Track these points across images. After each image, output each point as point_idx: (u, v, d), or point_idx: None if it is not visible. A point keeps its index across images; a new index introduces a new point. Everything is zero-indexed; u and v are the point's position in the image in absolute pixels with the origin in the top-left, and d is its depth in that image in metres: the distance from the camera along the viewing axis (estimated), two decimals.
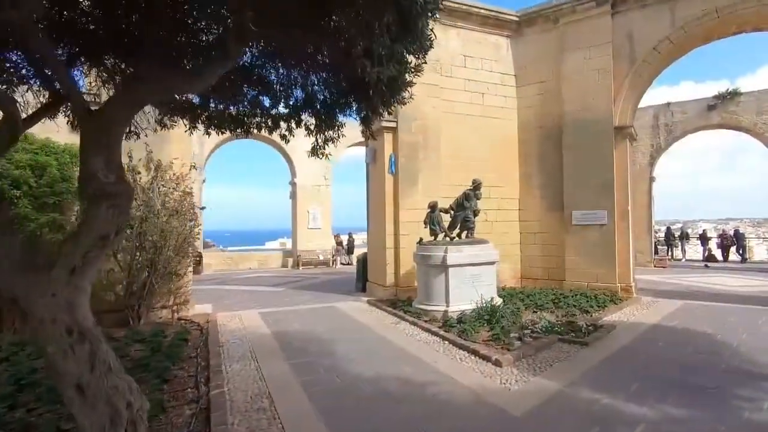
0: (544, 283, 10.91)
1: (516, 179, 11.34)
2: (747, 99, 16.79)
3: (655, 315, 7.99)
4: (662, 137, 18.48)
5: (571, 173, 10.47)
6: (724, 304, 8.94)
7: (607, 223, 10.01)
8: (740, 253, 20.02)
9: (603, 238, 10.05)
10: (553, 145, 10.79)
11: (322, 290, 11.72)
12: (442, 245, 7.98)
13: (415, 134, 10.01)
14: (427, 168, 10.08)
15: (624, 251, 9.98)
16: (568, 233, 10.50)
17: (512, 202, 11.28)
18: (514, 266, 11.25)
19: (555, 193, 10.73)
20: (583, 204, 10.29)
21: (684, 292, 11.01)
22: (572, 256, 10.43)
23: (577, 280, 10.33)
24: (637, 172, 18.92)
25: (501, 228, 11.08)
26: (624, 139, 10.03)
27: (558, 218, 10.75)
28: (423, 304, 8.09)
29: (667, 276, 14.79)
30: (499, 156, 11.13)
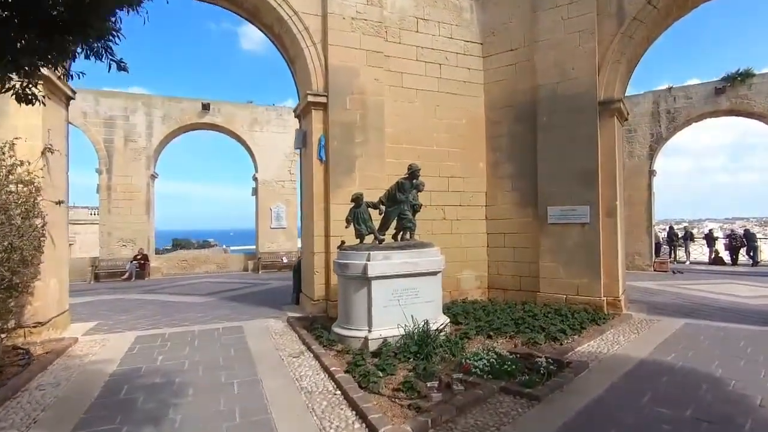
0: (514, 295, 8.97)
1: (483, 169, 9.39)
2: (761, 81, 14.74)
3: (645, 343, 6.04)
4: (663, 126, 16.45)
5: (547, 160, 8.52)
6: (737, 326, 6.97)
7: (589, 222, 8.05)
8: (751, 255, 17.95)
9: (585, 240, 8.10)
10: (526, 127, 8.85)
11: (252, 302, 9.83)
12: (364, 251, 6.06)
13: (351, 112, 8.09)
14: (366, 154, 8.16)
15: (611, 256, 8.02)
16: (543, 234, 8.55)
17: (478, 196, 9.34)
18: (479, 274, 9.31)
19: (529, 185, 8.79)
20: (561, 198, 8.34)
21: (686, 305, 9.03)
22: (548, 263, 8.48)
23: (554, 291, 8.39)
24: (634, 164, 16.95)
25: (463, 228, 9.15)
26: (611, 117, 8.06)
27: (532, 216, 8.80)
28: (341, 327, 6.19)
29: (668, 283, 12.79)
30: (462, 141, 9.19)
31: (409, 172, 6.47)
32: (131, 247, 16.42)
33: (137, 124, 16.58)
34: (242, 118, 17.87)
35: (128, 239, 16.43)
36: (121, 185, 16.35)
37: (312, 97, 7.95)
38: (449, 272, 8.75)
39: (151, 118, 16.77)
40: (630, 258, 16.91)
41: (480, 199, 9.35)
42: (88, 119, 16.08)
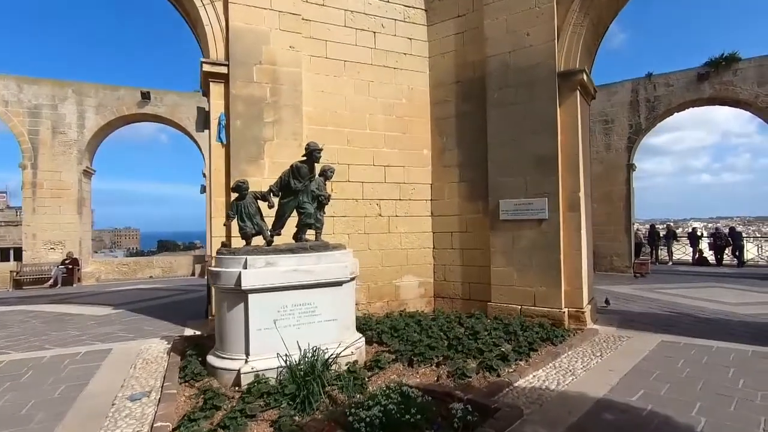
0: (463, 305, 7.58)
1: (428, 157, 7.99)
2: (746, 66, 13.59)
3: (608, 373, 4.66)
4: (642, 115, 15.25)
5: (498, 145, 7.15)
6: (725, 345, 5.64)
7: (547, 218, 6.69)
8: (736, 255, 16.86)
9: (542, 240, 6.74)
10: (476, 106, 7.47)
11: (159, 315, 8.30)
12: (242, 255, 4.61)
13: (259, 85, 6.63)
14: (279, 137, 6.70)
15: (573, 259, 6.67)
16: (494, 233, 7.17)
17: (422, 189, 7.93)
18: (423, 280, 7.89)
19: (479, 175, 7.41)
20: (515, 190, 6.97)
21: (664, 316, 7.72)
22: (500, 267, 7.11)
23: (507, 301, 7.01)
24: (612, 158, 15.74)
25: (404, 226, 7.73)
26: (572, 92, 6.72)
27: (482, 211, 7.43)
28: (215, 355, 4.72)
29: (647, 286, 11.54)
30: (402, 124, 7.78)
31: (306, 153, 5.02)
32: (60, 250, 14.74)
33: (67, 114, 14.90)
34: (188, 108, 16.28)
35: (56, 241, 14.74)
36: (49, 182, 14.66)
37: (209, 66, 6.47)
38: (386, 279, 7.35)
39: (83, 108, 15.11)
40: (608, 259, 15.70)
41: (424, 193, 7.95)
42: (9, 108, 14.38)
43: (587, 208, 7.14)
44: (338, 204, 7.18)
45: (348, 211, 7.27)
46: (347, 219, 7.25)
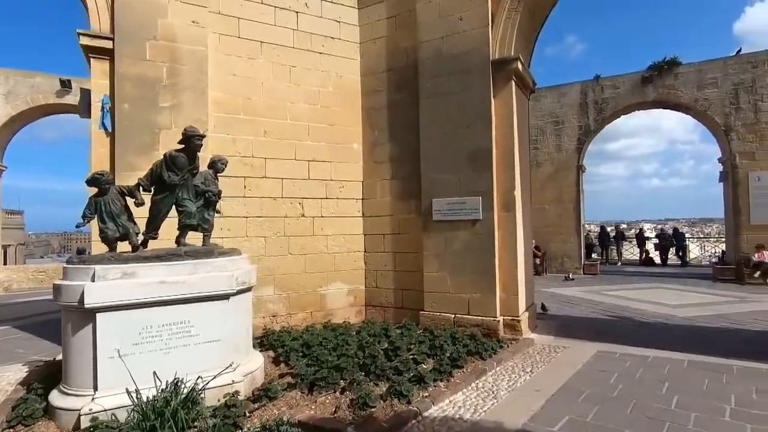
0: (396, 314, 6.93)
1: (358, 152, 7.29)
2: (687, 71, 13.78)
3: (534, 395, 4.09)
4: (591, 117, 15.24)
5: (430, 138, 6.55)
6: (661, 354, 5.24)
7: (482, 218, 6.14)
8: (680, 255, 17.23)
9: (477, 243, 6.18)
10: (408, 96, 6.85)
11: (47, 334, 7.15)
12: (93, 264, 3.72)
13: (154, 64, 5.71)
14: (179, 125, 5.75)
15: (509, 262, 6.14)
16: (427, 234, 6.56)
17: (352, 187, 7.22)
18: (353, 287, 7.17)
19: (412, 171, 6.78)
20: (449, 187, 6.39)
21: (604, 321, 7.37)
22: (433, 272, 6.50)
23: (440, 310, 6.41)
24: (563, 159, 15.65)
25: (331, 227, 6.99)
26: (507, 81, 6.20)
27: (415, 211, 6.80)
28: (60, 389, 3.79)
29: (593, 288, 11.34)
30: (330, 114, 7.05)
31: (182, 140, 4.17)
32: None
33: None
34: None
35: None
36: None
37: (88, 39, 5.48)
38: (310, 287, 6.59)
39: None
40: (559, 260, 15.58)
41: (354, 191, 7.24)
42: None
43: (525, 208, 6.66)
44: (253, 203, 6.36)
45: (265, 211, 6.45)
46: (263, 220, 6.43)
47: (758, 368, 4.65)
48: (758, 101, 12.66)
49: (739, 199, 12.77)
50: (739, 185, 12.76)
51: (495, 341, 5.67)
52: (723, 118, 13.09)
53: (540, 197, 15.88)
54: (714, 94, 13.27)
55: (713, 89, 13.30)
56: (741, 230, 12.73)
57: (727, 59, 13.26)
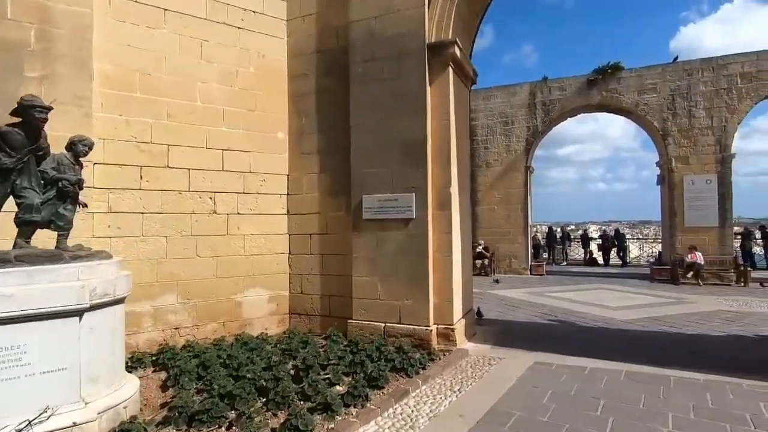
0: (323, 323, 6.24)
1: (284, 142, 6.53)
2: (628, 75, 14.04)
3: (455, 423, 3.53)
4: (539, 118, 15.24)
5: (362, 128, 5.92)
6: (598, 364, 4.88)
7: (415, 217, 5.57)
8: (620, 255, 17.70)
9: (410, 244, 5.61)
10: (339, 81, 6.17)
11: None
12: None
13: (18, 25, 4.66)
14: (55, 103, 4.78)
15: (444, 265, 5.61)
16: (356, 235, 5.92)
17: (275, 180, 6.44)
18: (275, 293, 6.40)
19: (342, 165, 6.10)
20: (380, 183, 5.78)
21: (545, 326, 7.05)
22: (363, 276, 5.86)
23: (370, 318, 5.79)
24: (511, 160, 15.56)
25: (250, 226, 6.18)
26: (444, 68, 5.68)
27: (345, 209, 6.14)
28: None
29: (538, 290, 11.19)
30: (250, 98, 6.24)
31: (16, 109, 3.25)
32: None
33: None
34: None
35: None
36: None
37: None
38: (223, 293, 5.77)
39: None
40: (506, 261, 15.49)
41: (279, 185, 6.47)
42: None
43: (463, 207, 6.17)
44: (151, 197, 5.44)
45: (167, 207, 5.55)
46: (165, 217, 5.53)
47: (694, 380, 4.36)
48: (692, 107, 13.06)
49: (675, 202, 13.13)
50: (675, 188, 13.10)
51: (425, 354, 5.13)
52: (661, 123, 13.42)
53: (489, 198, 15.77)
54: (653, 100, 13.59)
55: (652, 94, 13.61)
56: (676, 232, 13.08)
57: (666, 66, 13.61)
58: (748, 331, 6.42)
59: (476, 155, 15.93)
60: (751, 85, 12.37)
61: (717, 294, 10.23)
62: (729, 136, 12.56)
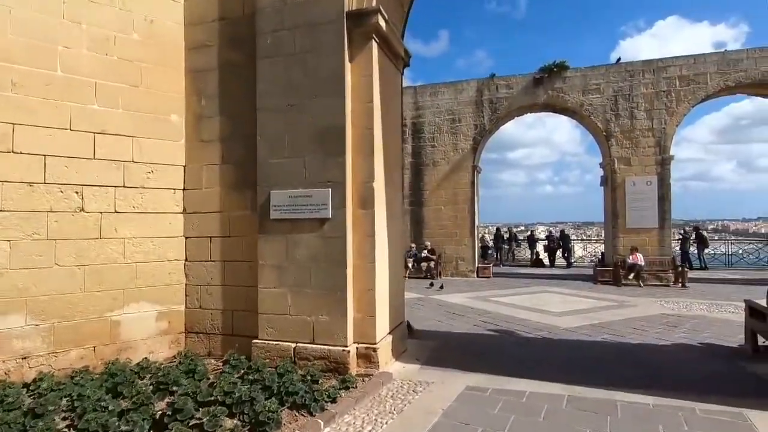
0: (225, 344, 5.21)
1: (178, 126, 5.43)
2: (574, 75, 13.95)
3: None
4: (486, 117, 14.86)
5: (271, 111, 4.97)
6: (538, 388, 4.22)
7: (331, 217, 4.69)
8: (565, 256, 17.77)
9: (325, 248, 4.72)
10: (246, 56, 5.18)
11: None
12: None
13: None
14: None
15: (366, 273, 4.77)
16: (263, 238, 4.95)
17: (167, 173, 5.33)
18: (166, 309, 5.29)
19: (249, 156, 5.11)
20: (292, 176, 4.85)
21: (485, 338, 6.39)
22: (271, 287, 4.90)
23: (279, 338, 4.84)
24: (458, 159, 15.08)
25: (130, 228, 5.04)
26: (367, 41, 4.84)
27: (251, 206, 5.16)
28: None
29: (483, 294, 10.65)
30: (132, 71, 5.10)
31: None
32: None
33: None
34: None
35: None
36: None
37: None
38: (93, 311, 4.66)
39: None
40: (453, 263, 14.98)
41: (172, 178, 5.36)
42: None
43: (392, 206, 5.36)
44: None
45: (10, 203, 4.33)
46: (7, 216, 4.30)
47: (643, 404, 3.78)
48: (634, 109, 13.12)
49: (617, 203, 13.13)
50: (617, 190, 13.11)
51: (340, 381, 4.26)
52: (604, 124, 13.40)
53: (436, 198, 15.21)
54: (597, 100, 13.55)
55: (596, 95, 13.57)
56: (618, 233, 13.07)
57: (609, 67, 13.62)
58: (691, 338, 6.08)
59: (423, 153, 15.36)
60: (688, 88, 12.56)
61: (657, 296, 10.13)
62: (668, 138, 12.70)
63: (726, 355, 5.23)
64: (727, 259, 16.91)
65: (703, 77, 12.39)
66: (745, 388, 4.14)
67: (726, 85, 12.20)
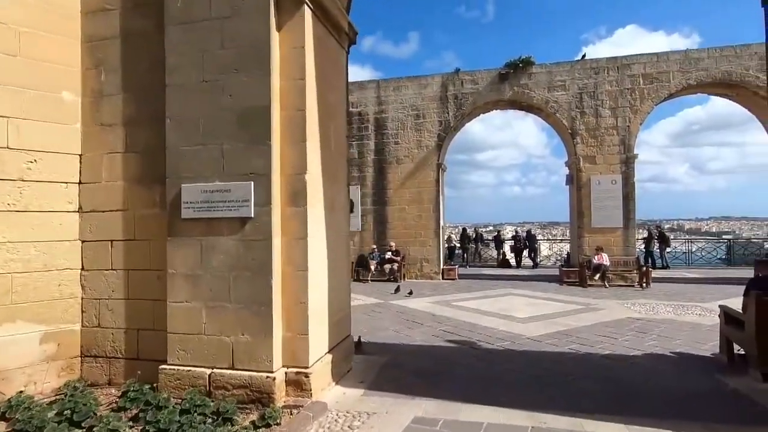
0: (129, 369, 4.31)
1: (72, 106, 4.48)
2: (539, 71, 13.61)
3: None
4: (451, 113, 14.33)
5: (181, 89, 4.11)
6: (504, 419, 3.57)
7: (254, 216, 3.89)
8: (532, 256, 17.53)
9: (247, 254, 3.91)
10: (155, 22, 4.30)
11: None
12: None
13: None
14: None
15: (297, 283, 3.99)
16: (174, 241, 4.09)
17: (55, 162, 4.37)
18: (54, 329, 4.32)
19: (158, 143, 4.22)
20: (207, 166, 4.02)
21: (443, 352, 5.73)
22: (182, 301, 4.05)
23: (192, 362, 3.99)
24: (423, 156, 14.49)
25: (4, 230, 4.06)
26: (299, 6, 4.06)
27: (160, 203, 4.28)
28: None
29: (446, 298, 10.05)
30: (10, 37, 4.13)
31: None
32: None
33: None
34: None
35: None
36: None
37: None
38: None
39: None
40: (417, 265, 14.36)
41: (63, 170, 4.41)
42: None
43: (335, 203, 4.61)
44: None
45: None
46: None
47: None
48: (599, 106, 12.89)
49: (582, 202, 12.86)
50: (583, 189, 12.84)
51: (260, 417, 3.46)
52: (570, 122, 13.11)
53: (400, 197, 14.56)
54: (563, 97, 13.26)
55: (561, 92, 13.28)
56: (583, 233, 12.81)
57: (574, 63, 13.34)
58: (662, 347, 5.62)
59: (386, 150, 14.69)
60: (652, 86, 12.42)
61: (623, 297, 9.82)
62: (632, 137, 12.53)
63: (701, 367, 4.77)
64: (687, 258, 17.08)
65: (666, 75, 12.28)
66: (729, 412, 3.63)
67: (688, 83, 12.12)
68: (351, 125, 14.97)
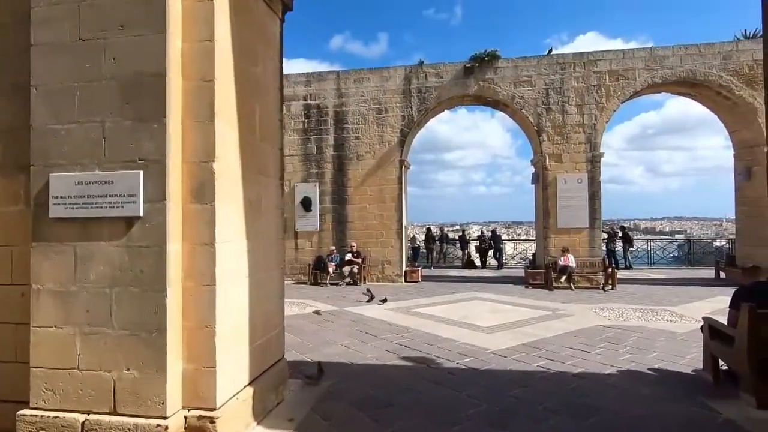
0: None
1: None
2: (505, 66, 13.13)
3: None
4: (415, 107, 13.64)
5: (49, 50, 3.14)
6: None
7: (143, 214, 2.98)
8: (497, 257, 17.17)
9: (133, 264, 2.99)
10: None
11: None
12: None
13: None
14: None
15: (201, 302, 3.11)
16: (41, 248, 3.11)
17: None
18: None
19: (23, 121, 3.23)
20: (82, 151, 3.07)
21: (394, 374, 4.96)
22: (50, 324, 3.08)
23: (62, 405, 3.04)
24: (385, 153, 13.73)
25: None
26: None
27: (24, 199, 3.29)
28: None
29: (407, 303, 9.33)
30: None
31: None
32: None
33: None
34: None
35: None
36: None
37: None
38: None
39: None
40: (379, 267, 13.59)
41: None
42: None
43: (262, 198, 3.75)
44: None
45: None
46: None
47: None
48: (565, 103, 12.55)
49: (548, 201, 12.48)
50: (549, 188, 12.46)
51: None
52: (536, 118, 12.71)
53: (361, 195, 13.76)
54: (529, 93, 12.84)
55: (528, 87, 12.86)
56: (549, 233, 12.43)
57: (540, 58, 12.95)
58: (638, 362, 5.09)
59: (346, 146, 13.84)
60: (618, 83, 12.18)
61: (590, 301, 9.43)
62: (598, 135, 12.25)
63: (685, 388, 4.23)
64: (650, 257, 17.18)
65: (632, 73, 12.07)
66: None
67: (653, 81, 11.95)
68: (309, 118, 14.05)
